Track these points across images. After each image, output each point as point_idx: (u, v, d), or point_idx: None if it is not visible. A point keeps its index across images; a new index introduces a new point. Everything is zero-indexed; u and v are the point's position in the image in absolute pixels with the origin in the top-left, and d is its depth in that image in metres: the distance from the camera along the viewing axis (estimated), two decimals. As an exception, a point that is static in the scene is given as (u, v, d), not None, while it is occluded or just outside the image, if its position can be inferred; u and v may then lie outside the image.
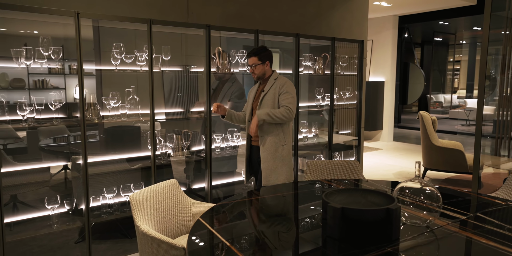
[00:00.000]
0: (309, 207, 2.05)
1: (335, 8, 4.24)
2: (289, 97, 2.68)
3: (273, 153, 2.72)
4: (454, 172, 4.78)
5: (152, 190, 2.12)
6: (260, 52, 2.73)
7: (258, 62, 2.73)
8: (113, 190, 2.76)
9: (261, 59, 2.73)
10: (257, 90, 2.86)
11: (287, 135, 2.78)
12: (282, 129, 2.75)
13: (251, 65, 2.75)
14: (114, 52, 2.66)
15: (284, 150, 2.75)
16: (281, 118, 2.65)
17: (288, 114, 2.65)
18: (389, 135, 8.23)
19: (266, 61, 2.74)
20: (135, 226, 1.90)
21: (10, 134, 2.91)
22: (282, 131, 2.75)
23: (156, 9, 3.06)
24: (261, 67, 2.74)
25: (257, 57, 2.72)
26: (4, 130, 2.57)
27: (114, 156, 2.87)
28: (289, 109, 2.65)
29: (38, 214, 2.64)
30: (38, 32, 2.78)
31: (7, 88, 2.92)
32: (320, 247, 1.56)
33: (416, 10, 7.59)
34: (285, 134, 2.76)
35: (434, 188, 1.65)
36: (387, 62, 8.03)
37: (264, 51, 2.74)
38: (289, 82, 2.75)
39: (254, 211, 2.04)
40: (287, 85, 2.72)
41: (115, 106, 2.72)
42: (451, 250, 1.51)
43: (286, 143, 2.76)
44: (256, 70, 2.75)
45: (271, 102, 2.71)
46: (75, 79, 2.71)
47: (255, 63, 2.74)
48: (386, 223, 1.51)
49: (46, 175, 3.02)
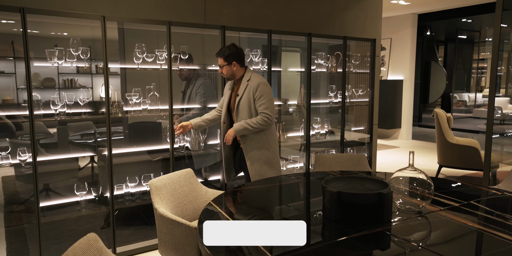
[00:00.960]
0: (312, 194, 2.19)
1: (349, 7, 4.34)
2: (265, 102, 2.59)
3: (258, 159, 2.68)
4: (469, 170, 4.79)
5: (169, 178, 2.32)
6: (226, 53, 2.61)
7: (224, 63, 2.63)
8: (135, 180, 2.98)
9: (227, 60, 2.61)
10: (232, 89, 2.79)
11: (270, 137, 2.71)
12: (264, 132, 2.68)
13: (219, 65, 2.67)
14: (136, 52, 2.88)
15: (270, 153, 2.70)
16: (260, 127, 2.61)
17: (265, 122, 2.60)
18: (408, 134, 8.22)
19: (232, 62, 2.62)
20: (154, 209, 2.10)
21: (42, 130, 3.18)
22: (264, 135, 2.68)
23: (176, 12, 3.27)
24: (228, 68, 2.64)
25: (223, 58, 2.62)
26: (37, 126, 2.82)
27: (137, 149, 3.10)
28: (267, 116, 2.59)
29: (68, 200, 2.90)
30: (67, 34, 3.03)
31: (39, 87, 3.18)
32: (318, 226, 1.72)
33: (436, 7, 7.55)
34: (267, 136, 2.69)
35: (426, 176, 1.77)
36: (406, 60, 8.01)
37: (229, 51, 2.60)
38: (262, 83, 2.62)
39: (262, 196, 2.21)
40: (261, 88, 2.60)
41: (137, 102, 2.94)
42: (439, 232, 1.63)
43: (270, 145, 2.70)
44: (224, 71, 2.66)
45: (247, 108, 2.64)
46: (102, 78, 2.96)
47: (222, 64, 2.64)
48: (378, 206, 1.64)
49: (75, 165, 3.29)
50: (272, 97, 2.65)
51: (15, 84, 3.28)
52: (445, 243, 1.53)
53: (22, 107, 2.84)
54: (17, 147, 2.55)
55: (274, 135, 2.77)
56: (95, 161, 3.54)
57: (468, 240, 1.56)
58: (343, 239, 1.50)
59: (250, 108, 2.64)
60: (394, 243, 1.51)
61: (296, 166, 3.79)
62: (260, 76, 2.69)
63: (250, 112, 2.65)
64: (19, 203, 3.50)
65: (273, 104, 2.65)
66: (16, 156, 2.54)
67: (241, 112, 2.66)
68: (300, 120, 3.84)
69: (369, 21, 4.53)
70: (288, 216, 1.90)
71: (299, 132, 3.81)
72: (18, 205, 3.46)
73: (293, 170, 3.77)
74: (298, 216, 1.88)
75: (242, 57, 2.68)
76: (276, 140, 2.79)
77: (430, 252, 1.40)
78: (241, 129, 2.62)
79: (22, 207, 3.36)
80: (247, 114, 2.65)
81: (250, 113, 2.65)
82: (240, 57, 2.65)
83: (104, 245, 1.46)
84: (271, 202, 2.14)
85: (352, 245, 1.46)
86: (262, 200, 2.18)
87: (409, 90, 8.08)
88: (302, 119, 3.76)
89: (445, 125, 4.82)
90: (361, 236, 1.52)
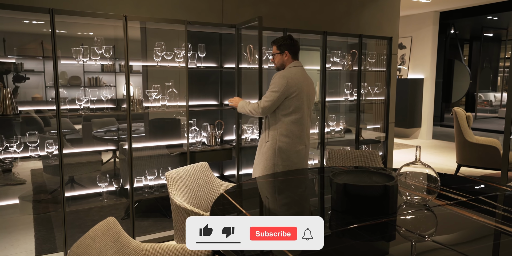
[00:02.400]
0: (320, 187, 2.26)
1: (365, 5, 4.36)
2: (268, 91, 2.56)
3: (259, 149, 2.70)
4: (488, 169, 4.72)
5: (185, 170, 2.43)
6: (280, 42, 2.63)
7: (277, 51, 2.65)
8: (154, 173, 3.11)
9: (280, 49, 2.63)
10: None
11: (272, 132, 2.61)
12: (269, 124, 2.63)
13: (272, 54, 2.71)
14: (156, 50, 3.00)
15: (266, 147, 2.63)
16: (249, 113, 2.62)
17: (255, 109, 2.57)
18: (428, 133, 8.10)
19: (285, 51, 2.63)
20: (170, 199, 2.21)
21: (68, 126, 3.35)
22: (268, 127, 2.64)
23: (195, 12, 3.38)
24: (279, 56, 2.66)
25: (276, 46, 2.65)
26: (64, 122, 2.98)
27: (156, 143, 3.23)
28: (258, 104, 2.56)
29: (90, 191, 3.06)
30: (93, 34, 3.18)
31: (66, 85, 3.34)
32: (324, 217, 1.78)
33: (459, 5, 7.41)
34: (270, 130, 2.62)
35: (432, 170, 1.81)
36: (426, 59, 7.90)
37: (284, 41, 2.63)
38: (278, 75, 2.58)
39: (272, 188, 2.29)
40: (275, 78, 2.57)
41: (156, 98, 3.07)
42: (444, 224, 1.67)
43: (269, 140, 2.62)
44: (275, 59, 2.69)
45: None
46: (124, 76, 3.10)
47: (274, 52, 2.67)
48: (384, 198, 1.69)
49: (98, 158, 3.45)
50: (278, 91, 2.51)
51: (43, 82, 3.46)
52: (449, 235, 1.56)
53: (50, 103, 3.02)
54: (45, 141, 2.72)
55: (278, 131, 2.59)
56: (117, 156, 3.70)
57: (472, 233, 1.59)
58: (348, 228, 1.56)
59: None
60: (398, 233, 1.56)
61: (311, 163, 3.84)
62: (288, 70, 2.60)
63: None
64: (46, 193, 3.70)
65: (273, 97, 2.51)
66: (44, 149, 2.71)
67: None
68: (316, 118, 3.89)
69: (386, 19, 4.53)
70: (298, 209, 1.96)
71: (314, 129, 3.86)
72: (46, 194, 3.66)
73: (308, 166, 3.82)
74: (307, 208, 1.95)
75: (295, 49, 2.65)
76: (276, 136, 2.59)
77: (434, 243, 1.45)
78: (240, 106, 2.70)
79: (49, 196, 3.55)
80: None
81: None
82: (292, 48, 2.63)
83: (122, 229, 1.57)
84: (281, 195, 2.22)
85: (358, 235, 1.52)
86: (273, 192, 2.25)
87: (430, 89, 7.97)
88: (317, 116, 3.81)
89: (464, 124, 4.76)
90: (366, 226, 1.57)
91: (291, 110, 2.57)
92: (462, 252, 1.37)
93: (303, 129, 2.65)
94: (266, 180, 2.42)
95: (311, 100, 2.73)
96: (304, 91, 2.61)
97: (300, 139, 2.64)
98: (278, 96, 2.52)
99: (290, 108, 2.57)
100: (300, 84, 2.58)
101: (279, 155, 2.59)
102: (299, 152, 2.65)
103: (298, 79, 2.58)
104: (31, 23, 2.95)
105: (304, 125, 2.66)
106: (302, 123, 2.64)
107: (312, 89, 2.72)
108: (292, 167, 2.64)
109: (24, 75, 3.09)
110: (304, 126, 2.66)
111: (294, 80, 2.56)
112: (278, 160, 2.60)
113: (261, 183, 2.38)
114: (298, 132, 2.62)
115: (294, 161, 2.64)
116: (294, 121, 2.60)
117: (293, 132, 2.60)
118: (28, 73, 3.14)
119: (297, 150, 2.63)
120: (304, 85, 2.61)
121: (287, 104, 2.56)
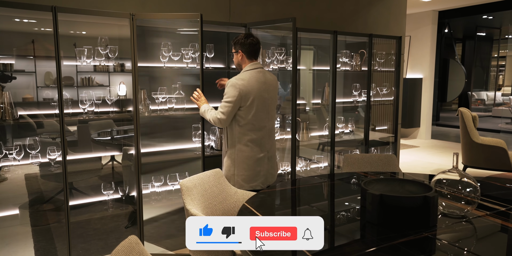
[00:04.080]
0: (347, 196, 2.14)
1: (372, 4, 4.26)
2: (223, 101, 2.44)
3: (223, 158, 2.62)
4: (495, 170, 4.67)
5: (199, 178, 2.29)
6: (234, 40, 2.53)
7: (233, 50, 2.55)
8: (160, 179, 2.97)
9: (235, 48, 2.53)
10: None
11: (230, 141, 2.52)
12: (226, 133, 2.54)
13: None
14: (163, 50, 2.86)
15: (226, 157, 2.56)
16: (210, 121, 2.51)
17: (214, 119, 2.46)
18: (427, 133, 8.08)
19: (239, 51, 2.50)
20: (185, 209, 2.07)
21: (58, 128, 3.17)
22: (226, 136, 2.55)
23: (201, 10, 3.23)
24: (235, 56, 2.55)
25: (232, 45, 2.56)
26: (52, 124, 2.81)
27: (163, 148, 3.08)
28: (217, 114, 2.45)
29: (92, 199, 2.90)
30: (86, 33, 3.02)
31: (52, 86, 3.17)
32: (359, 230, 1.66)
33: (457, 4, 7.39)
34: (228, 140, 2.53)
35: (472, 179, 1.71)
36: (425, 58, 7.87)
37: (237, 39, 2.50)
38: (231, 82, 2.43)
39: (293, 198, 2.17)
40: (228, 86, 2.43)
41: (163, 101, 2.92)
42: (489, 238, 1.57)
43: (227, 149, 2.54)
44: (234, 59, 2.57)
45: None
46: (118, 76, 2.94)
47: (232, 51, 2.57)
48: (423, 210, 1.58)
49: (97, 165, 3.29)
50: (233, 99, 2.40)
51: (35, 83, 3.30)
52: (496, 249, 1.46)
53: (42, 104, 2.86)
54: (47, 148, 2.55)
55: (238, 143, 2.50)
56: (116, 160, 3.54)
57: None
58: (390, 244, 1.45)
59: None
60: (441, 248, 1.45)
61: (320, 166, 3.73)
62: (241, 75, 2.48)
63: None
64: (43, 202, 3.52)
65: (230, 107, 2.41)
66: (46, 156, 2.54)
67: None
68: (317, 119, 3.78)
69: (393, 18, 4.44)
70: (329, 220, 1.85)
71: (315, 131, 3.75)
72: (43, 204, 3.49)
73: (317, 170, 3.72)
74: (338, 218, 1.83)
75: (250, 49, 2.49)
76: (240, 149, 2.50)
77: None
78: (201, 111, 2.60)
79: (50, 206, 3.38)
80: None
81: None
82: (246, 47, 2.48)
83: (144, 248, 1.43)
84: (305, 204, 2.10)
85: (401, 251, 1.41)
86: (298, 201, 2.13)
87: (429, 89, 7.94)
88: (325, 118, 3.70)
89: (470, 124, 4.70)
90: (407, 241, 1.46)
91: (249, 118, 2.47)
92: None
93: (263, 136, 2.54)
94: (287, 188, 2.30)
95: (271, 103, 2.59)
96: (261, 96, 2.48)
97: (261, 146, 2.54)
98: (232, 107, 2.41)
99: (247, 116, 2.46)
100: (255, 90, 2.44)
101: (239, 165, 2.51)
102: (261, 160, 2.55)
103: (252, 84, 2.44)
104: (22, 21, 2.78)
105: (263, 131, 2.55)
106: (261, 129, 2.53)
107: (272, 91, 2.58)
108: (256, 176, 2.54)
109: (10, 75, 2.91)
110: (264, 133, 2.55)
111: (247, 87, 2.42)
112: (239, 170, 2.52)
113: (283, 192, 2.26)
114: (258, 139, 2.52)
115: (256, 170, 2.54)
116: (252, 129, 2.49)
117: (252, 141, 2.50)
118: (18, 74, 2.97)
119: (258, 158, 2.53)
120: (261, 90, 2.48)
121: (243, 113, 2.46)
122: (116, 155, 3.45)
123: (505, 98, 13.64)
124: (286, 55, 3.31)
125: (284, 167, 3.41)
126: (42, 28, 2.87)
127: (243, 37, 2.50)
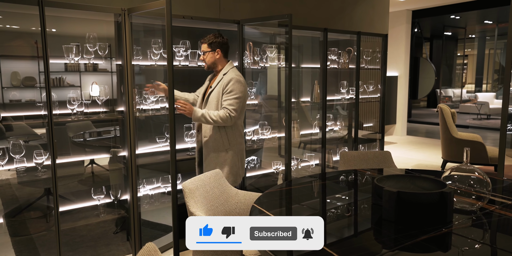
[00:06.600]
0: (356, 193, 2.13)
1: (358, 3, 4.30)
2: (231, 98, 2.43)
3: (215, 159, 2.54)
4: (474, 164, 4.84)
5: (200, 179, 2.21)
6: (211, 39, 2.51)
7: (208, 49, 2.52)
8: (152, 181, 2.85)
9: (211, 46, 2.51)
10: (210, 81, 2.67)
11: (232, 138, 2.54)
12: (226, 132, 2.52)
13: (202, 52, 2.56)
14: (153, 47, 2.74)
15: (228, 155, 2.54)
16: (217, 121, 2.42)
17: (225, 118, 2.41)
18: (403, 129, 8.29)
19: (216, 49, 2.51)
20: (189, 212, 1.99)
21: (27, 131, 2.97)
22: (226, 134, 2.52)
23: (191, 7, 3.15)
24: (210, 54, 2.52)
25: (207, 44, 2.52)
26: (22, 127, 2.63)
27: (154, 149, 2.96)
28: (229, 112, 2.42)
29: (79, 205, 2.74)
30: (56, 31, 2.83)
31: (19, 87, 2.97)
32: (373, 227, 1.65)
33: (430, 4, 7.62)
34: (229, 137, 2.53)
35: (482, 174, 1.73)
36: (400, 56, 8.06)
37: (216, 38, 2.51)
38: (235, 79, 2.46)
39: (306, 195, 2.13)
40: (233, 83, 2.44)
41: (154, 100, 2.81)
42: (504, 231, 1.59)
43: (230, 147, 2.53)
44: (207, 58, 2.54)
45: (215, 102, 2.49)
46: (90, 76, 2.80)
47: (205, 51, 2.53)
48: (441, 206, 1.58)
49: (80, 168, 3.12)
50: (243, 97, 2.47)
51: (0, 83, 3.10)
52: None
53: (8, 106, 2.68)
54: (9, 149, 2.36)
55: (239, 137, 2.59)
56: (95, 163, 3.37)
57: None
58: (413, 242, 1.43)
59: (218, 103, 2.49)
60: (464, 244, 1.46)
61: (311, 164, 3.72)
62: (236, 72, 2.54)
63: (218, 107, 2.50)
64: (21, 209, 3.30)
65: (240, 104, 2.46)
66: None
67: (209, 105, 2.52)
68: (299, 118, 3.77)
69: (377, 16, 4.51)
70: (347, 221, 1.82)
71: (313, 129, 3.75)
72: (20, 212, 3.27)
73: (308, 169, 3.71)
74: (359, 219, 1.81)
75: (226, 47, 2.57)
76: (241, 143, 2.60)
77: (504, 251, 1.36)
78: (198, 116, 2.41)
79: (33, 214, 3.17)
80: (214, 108, 2.50)
81: (217, 107, 2.50)
82: (224, 47, 2.55)
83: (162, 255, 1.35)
84: (316, 204, 2.07)
85: (424, 248, 1.40)
86: (308, 200, 2.10)
87: (404, 86, 8.14)
88: (307, 117, 3.70)
89: (450, 120, 4.85)
90: (428, 238, 1.46)
91: (243, 112, 2.64)
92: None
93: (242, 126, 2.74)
94: (295, 187, 2.26)
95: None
96: None
97: (243, 137, 2.72)
98: (242, 102, 2.52)
99: (243, 110, 2.60)
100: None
101: (242, 158, 2.66)
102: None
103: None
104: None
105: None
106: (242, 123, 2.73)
107: None
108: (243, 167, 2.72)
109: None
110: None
111: (245, 82, 2.58)
112: (242, 163, 2.67)
113: (293, 191, 2.22)
114: (243, 130, 2.70)
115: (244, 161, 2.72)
116: (241, 123, 2.66)
117: (242, 132, 2.66)
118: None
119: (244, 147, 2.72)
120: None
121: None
122: (99, 158, 3.28)
123: (470, 95, 14.27)
124: (277, 53, 3.27)
125: (276, 166, 3.38)
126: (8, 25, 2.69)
127: (219, 36, 2.54)
